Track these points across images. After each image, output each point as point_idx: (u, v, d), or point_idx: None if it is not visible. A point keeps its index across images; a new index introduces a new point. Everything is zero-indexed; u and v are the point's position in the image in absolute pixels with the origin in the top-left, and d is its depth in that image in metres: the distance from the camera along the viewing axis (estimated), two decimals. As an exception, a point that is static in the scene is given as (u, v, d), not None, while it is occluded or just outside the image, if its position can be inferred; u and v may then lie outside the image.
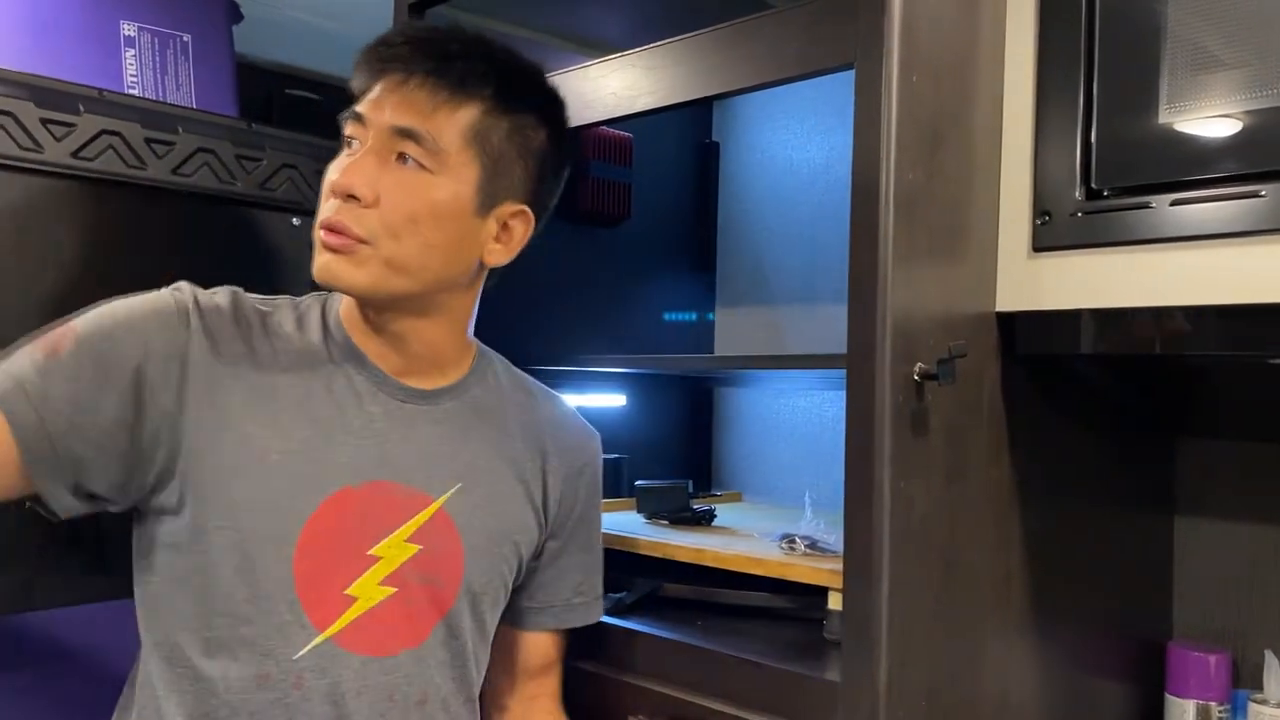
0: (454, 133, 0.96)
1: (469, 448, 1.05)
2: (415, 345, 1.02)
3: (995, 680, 1.06)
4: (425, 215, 0.95)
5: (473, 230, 0.99)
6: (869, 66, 0.94)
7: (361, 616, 0.97)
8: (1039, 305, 1.02)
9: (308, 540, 0.94)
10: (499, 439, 1.08)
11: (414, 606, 1.00)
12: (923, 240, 0.96)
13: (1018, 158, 1.03)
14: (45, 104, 1.21)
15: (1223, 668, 1.19)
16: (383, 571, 0.98)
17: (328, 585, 0.95)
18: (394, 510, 0.99)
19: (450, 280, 1.00)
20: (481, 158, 0.97)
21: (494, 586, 1.06)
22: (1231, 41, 0.92)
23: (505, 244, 1.02)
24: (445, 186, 0.96)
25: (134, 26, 1.49)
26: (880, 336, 0.92)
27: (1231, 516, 1.27)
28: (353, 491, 0.97)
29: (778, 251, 1.75)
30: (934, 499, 0.97)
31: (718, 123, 1.84)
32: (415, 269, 0.96)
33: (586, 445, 1.16)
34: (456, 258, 0.99)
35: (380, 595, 0.98)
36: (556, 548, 1.12)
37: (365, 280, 0.95)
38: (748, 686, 1.05)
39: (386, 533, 0.98)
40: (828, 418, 1.66)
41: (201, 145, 1.42)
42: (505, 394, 1.11)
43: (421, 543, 1.00)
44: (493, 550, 1.05)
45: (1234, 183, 0.91)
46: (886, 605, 0.93)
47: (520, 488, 1.08)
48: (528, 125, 1.01)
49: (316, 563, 0.95)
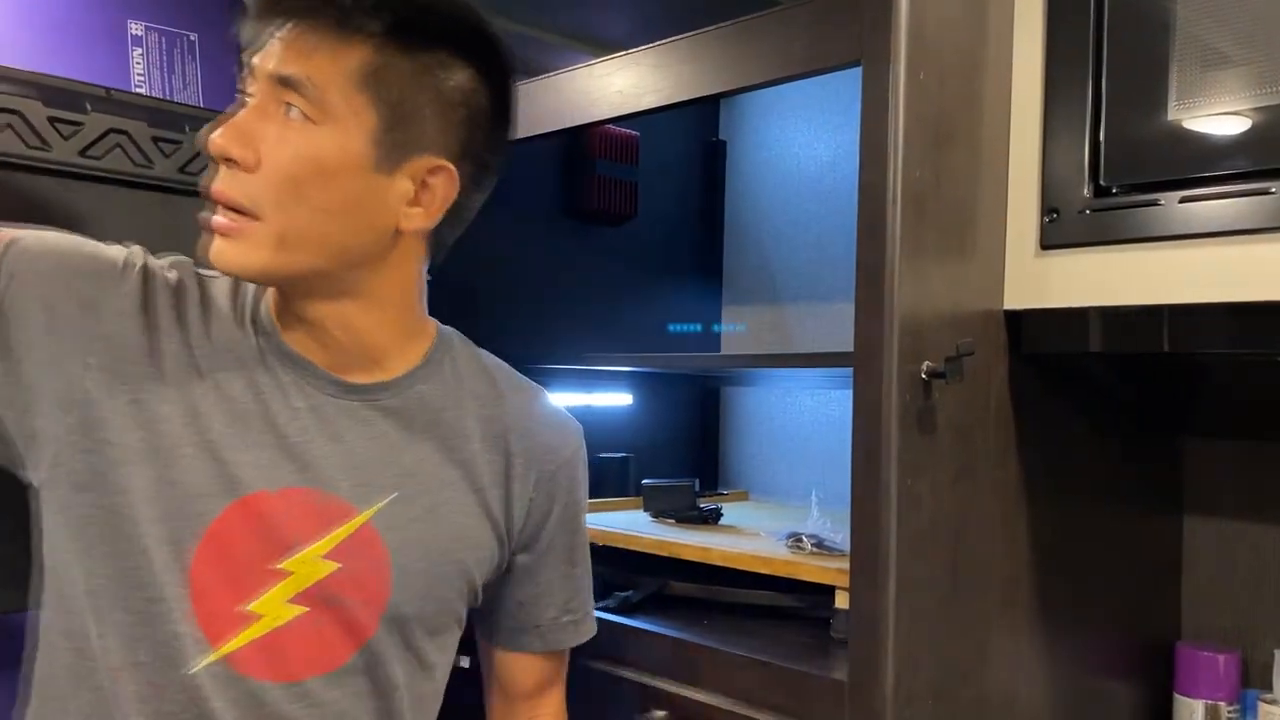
0: (340, 77, 0.82)
1: (411, 451, 0.92)
2: (338, 334, 0.89)
3: (1003, 679, 1.06)
4: (309, 175, 0.81)
5: (376, 191, 0.84)
6: (876, 64, 0.94)
7: (265, 636, 0.85)
8: (1047, 303, 1.01)
9: (208, 547, 0.84)
10: (451, 441, 0.94)
11: (327, 630, 0.88)
12: (930, 238, 0.96)
13: (1026, 155, 1.02)
14: (53, 103, 1.21)
15: (1232, 667, 1.19)
16: (292, 589, 0.86)
17: (225, 598, 0.84)
18: (311, 521, 0.87)
19: (360, 253, 0.86)
20: (378, 105, 0.83)
21: (433, 612, 0.93)
22: (1240, 38, 0.91)
23: (425, 206, 0.87)
24: (331, 139, 0.82)
25: (141, 25, 1.49)
26: (887, 335, 0.92)
27: (1240, 516, 1.27)
28: (266, 497, 0.86)
29: (784, 249, 1.74)
30: (941, 498, 0.97)
31: (724, 121, 1.84)
32: (312, 241, 0.83)
33: (562, 444, 1.01)
34: (360, 224, 0.85)
35: (288, 614, 0.86)
36: (531, 562, 1.00)
37: (259, 262, 0.82)
38: (754, 685, 1.04)
39: (300, 546, 0.86)
40: (834, 416, 1.66)
41: (208, 144, 1.43)
42: (464, 387, 0.96)
43: (341, 560, 0.87)
44: (431, 571, 0.92)
45: (1243, 180, 0.90)
46: (893, 604, 0.92)
47: (473, 497, 0.95)
48: (438, 65, 0.86)
49: (216, 572, 0.84)
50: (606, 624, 1.17)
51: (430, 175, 0.87)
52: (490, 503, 0.96)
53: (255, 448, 0.86)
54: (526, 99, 1.28)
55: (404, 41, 0.84)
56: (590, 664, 1.17)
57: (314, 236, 0.83)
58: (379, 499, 0.89)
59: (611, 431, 1.65)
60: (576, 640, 1.05)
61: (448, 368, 0.96)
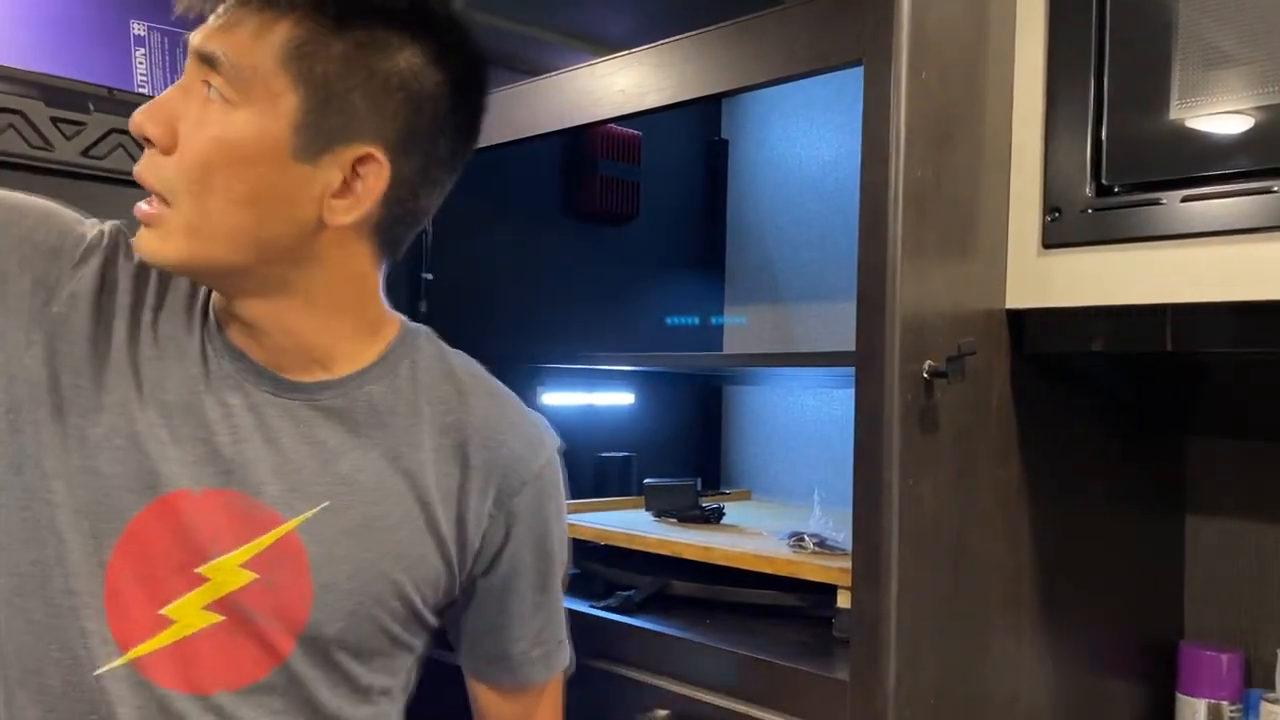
0: (262, 55, 0.75)
1: (350, 458, 0.84)
2: (274, 335, 0.83)
3: (1005, 679, 1.06)
4: (222, 161, 0.75)
5: (296, 181, 0.77)
6: (878, 63, 0.94)
7: (176, 644, 0.80)
8: (1049, 302, 1.01)
9: (127, 545, 0.79)
10: (398, 448, 0.86)
11: (240, 643, 0.81)
12: (932, 237, 0.96)
13: (1028, 154, 1.02)
14: (55, 103, 1.22)
15: (1235, 667, 1.18)
16: (209, 596, 0.80)
17: (140, 601, 0.79)
18: (233, 526, 0.81)
19: (279, 247, 0.79)
20: (301, 86, 0.75)
21: (362, 635, 0.85)
22: (1243, 37, 0.91)
23: (353, 199, 0.79)
24: (247, 122, 0.75)
25: (144, 26, 1.50)
26: (889, 334, 0.92)
27: (1243, 515, 1.27)
28: (187, 496, 0.80)
29: (786, 249, 1.74)
30: (943, 497, 0.97)
31: (726, 120, 1.84)
32: (223, 233, 0.76)
33: (530, 456, 0.91)
34: (276, 216, 0.78)
35: (201, 622, 0.80)
36: (494, 586, 0.91)
37: (172, 252, 0.77)
38: (756, 685, 1.04)
39: (219, 552, 0.80)
40: (836, 416, 1.66)
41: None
42: (422, 390, 0.88)
43: (259, 571, 0.81)
44: (359, 590, 0.83)
45: (1245, 179, 0.90)
46: (895, 604, 0.92)
47: (419, 511, 0.86)
48: (378, 44, 0.78)
49: (133, 572, 0.79)
50: (609, 623, 1.17)
51: (360, 165, 0.79)
52: (439, 518, 0.87)
53: (183, 444, 0.81)
54: (527, 99, 1.29)
55: (334, 17, 0.76)
56: (592, 663, 1.17)
57: (225, 228, 0.76)
58: (307, 508, 0.82)
59: (613, 431, 1.65)
60: (550, 672, 0.97)
61: (405, 369, 0.88)
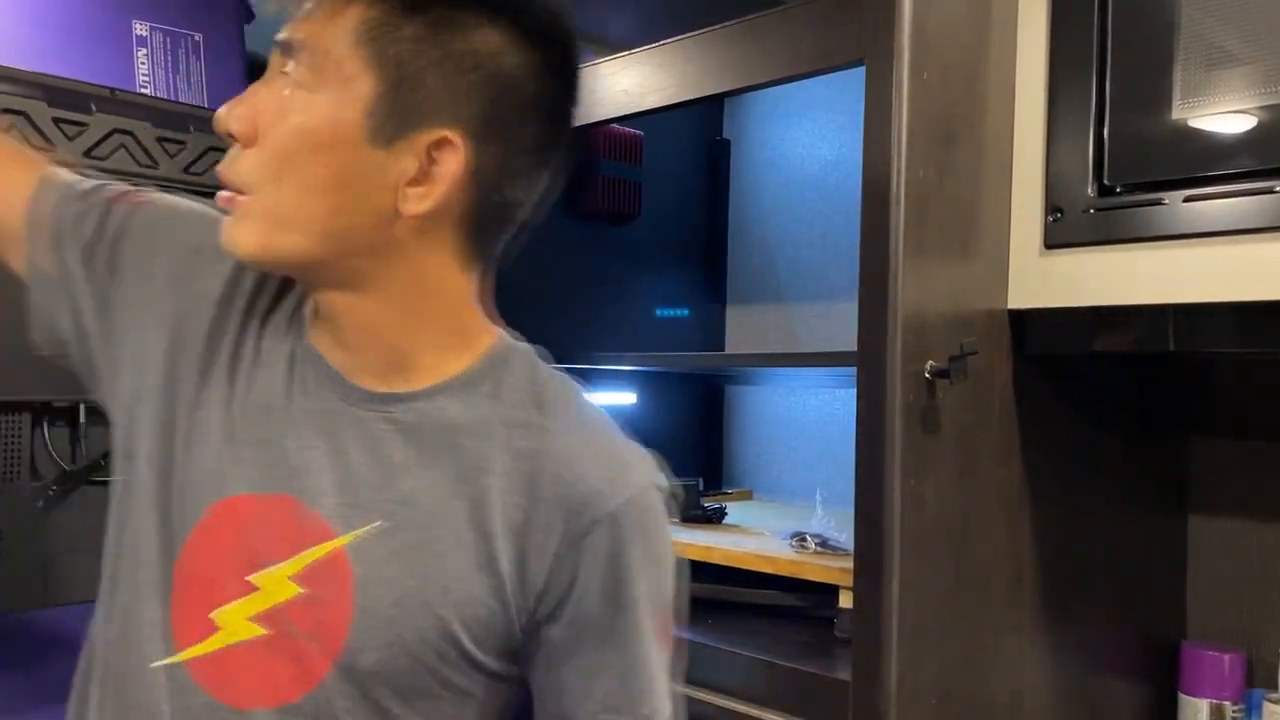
0: (335, 37, 0.73)
1: (414, 476, 0.78)
2: (351, 332, 0.79)
3: (1007, 679, 1.06)
4: (297, 147, 0.73)
5: (370, 167, 0.73)
6: (880, 63, 0.94)
7: (220, 652, 0.77)
8: (1051, 303, 1.01)
9: (196, 543, 0.78)
10: (464, 471, 0.78)
11: (279, 660, 0.76)
12: (934, 237, 0.96)
13: (1030, 154, 1.02)
14: (57, 103, 1.22)
15: (1237, 667, 1.18)
16: (256, 606, 0.76)
17: (197, 600, 0.78)
18: (287, 536, 0.77)
19: (356, 238, 0.75)
20: (375, 68, 0.72)
21: (401, 670, 0.76)
22: (1245, 36, 0.91)
23: (428, 186, 0.75)
24: (323, 108, 0.73)
25: (146, 26, 1.50)
26: (891, 334, 0.92)
27: (1245, 515, 1.27)
28: (251, 500, 0.78)
29: (788, 249, 1.74)
30: (945, 497, 0.97)
31: (729, 120, 1.84)
32: (299, 222, 0.74)
33: (607, 492, 0.78)
34: (350, 204, 0.74)
35: (246, 633, 0.77)
36: (562, 638, 0.78)
37: (250, 241, 0.75)
38: (758, 684, 1.04)
39: (271, 561, 0.77)
40: (838, 416, 1.66)
41: (213, 144, 1.43)
42: (500, 411, 0.80)
43: (306, 585, 0.76)
44: (399, 620, 0.76)
45: (1248, 179, 0.90)
46: (897, 604, 0.92)
47: (477, 542, 0.77)
48: (453, 23, 0.74)
49: (196, 571, 0.78)
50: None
51: (435, 150, 0.74)
52: (498, 553, 0.77)
53: (255, 446, 0.79)
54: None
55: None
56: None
57: (301, 216, 0.74)
58: (361, 525, 0.77)
59: (615, 431, 1.65)
60: None
61: (488, 387, 0.81)
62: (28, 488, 1.29)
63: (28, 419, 1.30)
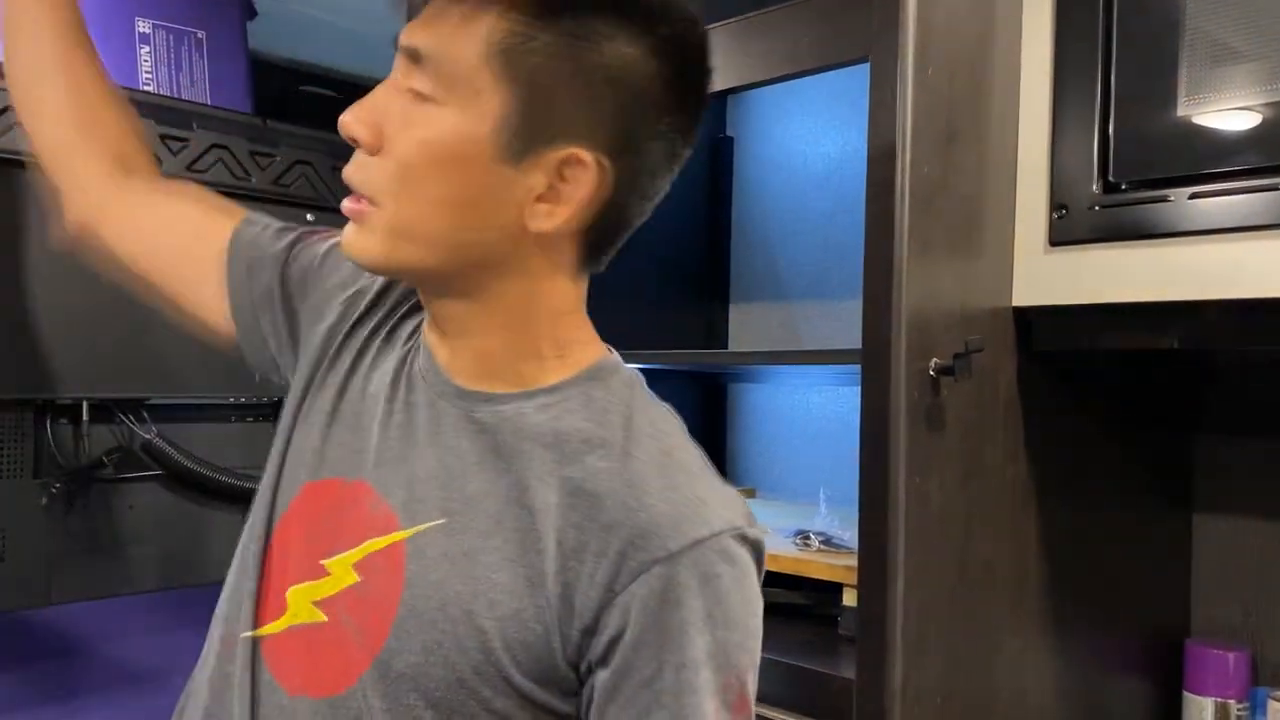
0: (465, 49, 0.70)
1: (481, 479, 0.75)
2: (455, 334, 0.79)
3: (1011, 677, 1.06)
4: (424, 161, 0.71)
5: (498, 184, 0.72)
6: (884, 60, 0.93)
7: (285, 632, 0.77)
8: (1056, 300, 1.01)
9: (289, 521, 0.81)
10: (528, 481, 0.74)
11: (330, 651, 0.75)
12: (938, 235, 0.95)
13: (1034, 151, 1.02)
14: (60, 101, 1.21)
15: (1241, 665, 1.18)
16: (323, 591, 0.76)
17: (279, 575, 0.79)
18: (361, 524, 0.77)
19: (480, 253, 0.74)
20: (505, 83, 0.70)
21: (439, 682, 0.72)
22: (1250, 33, 0.91)
23: (559, 204, 0.73)
24: (452, 123, 0.71)
25: (149, 23, 1.50)
26: (896, 332, 0.92)
27: (1250, 513, 1.26)
28: (340, 484, 0.79)
29: (792, 246, 1.74)
30: (949, 495, 0.97)
31: (732, 117, 1.84)
32: (424, 234, 0.73)
33: (670, 531, 0.70)
34: (479, 221, 0.73)
35: (309, 616, 0.77)
36: (611, 686, 0.71)
37: (373, 251, 0.74)
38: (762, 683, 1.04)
39: (344, 547, 0.77)
40: (842, 414, 1.66)
41: (216, 142, 1.43)
42: (586, 428, 0.76)
43: (364, 575, 0.76)
44: (443, 625, 0.72)
45: (1253, 176, 0.90)
46: (902, 602, 0.92)
47: (526, 555, 0.72)
48: (587, 35, 0.70)
49: (287, 549, 0.80)
50: (614, 621, 1.17)
51: (565, 168, 0.72)
52: (546, 574, 0.72)
53: (354, 431, 0.81)
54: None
55: (545, 7, 0.70)
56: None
57: (426, 231, 0.73)
58: (424, 520, 0.75)
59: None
60: None
61: (576, 402, 0.77)
62: (31, 486, 1.30)
63: (31, 417, 1.30)
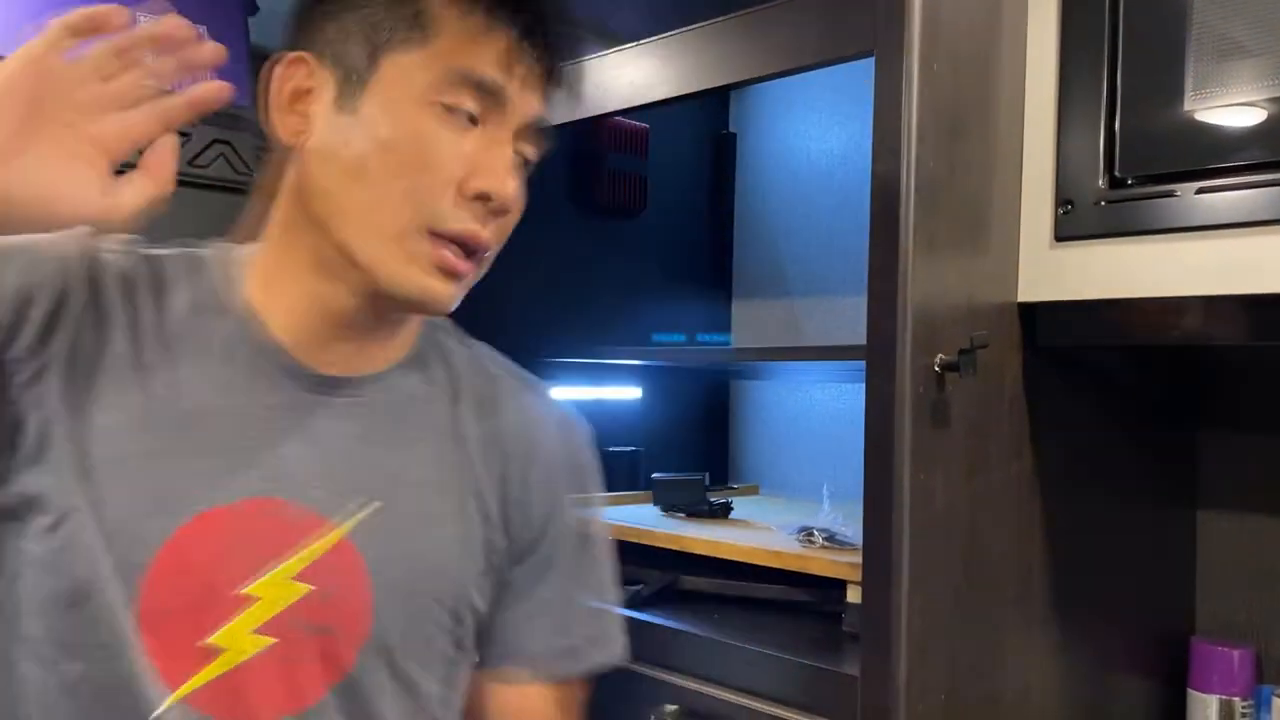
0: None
1: (398, 454, 0.81)
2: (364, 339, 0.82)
3: (1016, 674, 1.05)
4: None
5: None
6: (889, 55, 0.93)
7: (228, 674, 0.74)
8: (1061, 296, 1.01)
9: (160, 574, 0.73)
10: (445, 442, 0.83)
11: (298, 664, 0.76)
12: (944, 230, 0.95)
13: (1040, 146, 1.01)
14: (62, 96, 1.21)
15: (1246, 663, 1.18)
16: (259, 616, 0.75)
17: (183, 633, 0.74)
18: (280, 537, 0.76)
19: None
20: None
21: (424, 639, 0.80)
22: (1257, 28, 0.90)
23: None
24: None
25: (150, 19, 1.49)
26: (900, 327, 0.92)
27: (1255, 510, 1.26)
28: (222, 513, 0.75)
29: (795, 243, 1.74)
30: (954, 491, 0.96)
31: (735, 113, 1.83)
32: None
33: (564, 443, 0.90)
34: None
35: (254, 647, 0.74)
36: (525, 577, 0.87)
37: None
38: (765, 680, 1.04)
39: (266, 566, 0.75)
40: (846, 410, 1.66)
41: (218, 137, 1.42)
42: (459, 380, 0.86)
43: (314, 582, 0.76)
44: (419, 592, 0.80)
45: (1260, 170, 0.89)
46: (906, 599, 0.92)
47: (472, 503, 0.83)
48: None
49: (171, 603, 0.73)
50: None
51: None
52: (490, 509, 0.84)
53: (209, 454, 0.76)
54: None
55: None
56: (601, 658, 1.17)
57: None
58: (358, 510, 0.78)
59: (621, 425, 1.65)
60: (575, 669, 0.89)
61: (436, 360, 0.86)
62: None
63: None
